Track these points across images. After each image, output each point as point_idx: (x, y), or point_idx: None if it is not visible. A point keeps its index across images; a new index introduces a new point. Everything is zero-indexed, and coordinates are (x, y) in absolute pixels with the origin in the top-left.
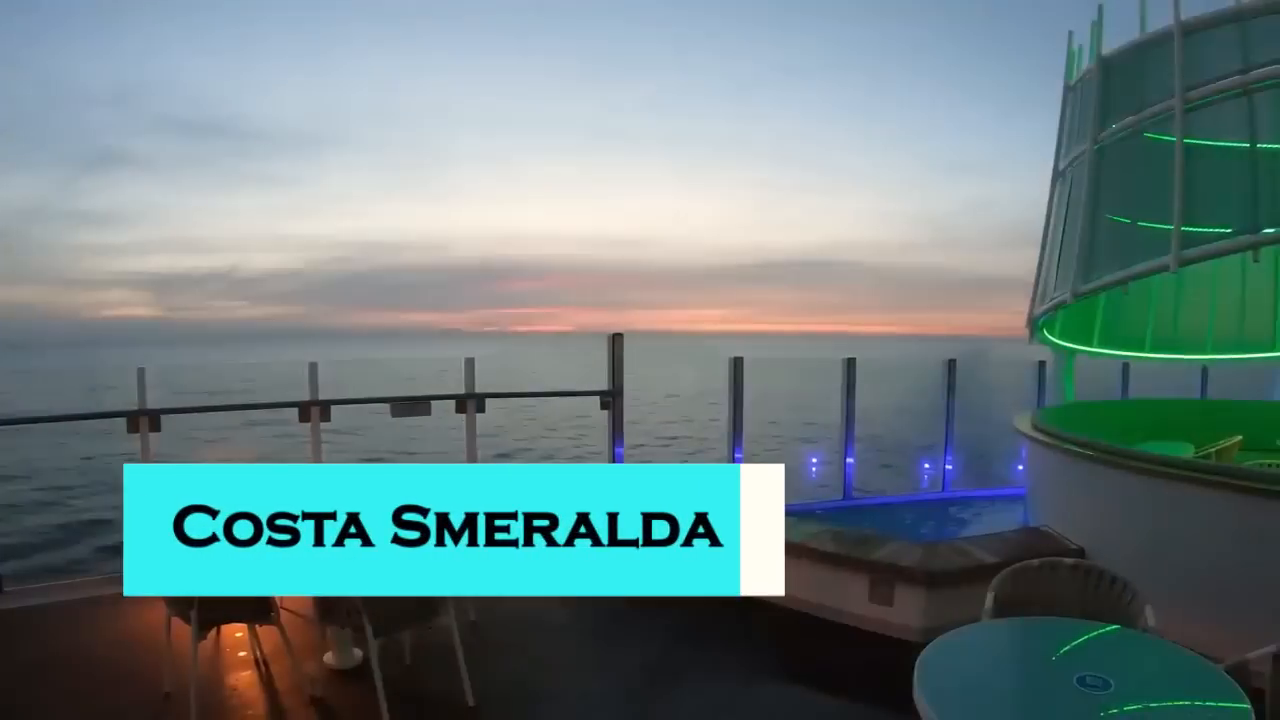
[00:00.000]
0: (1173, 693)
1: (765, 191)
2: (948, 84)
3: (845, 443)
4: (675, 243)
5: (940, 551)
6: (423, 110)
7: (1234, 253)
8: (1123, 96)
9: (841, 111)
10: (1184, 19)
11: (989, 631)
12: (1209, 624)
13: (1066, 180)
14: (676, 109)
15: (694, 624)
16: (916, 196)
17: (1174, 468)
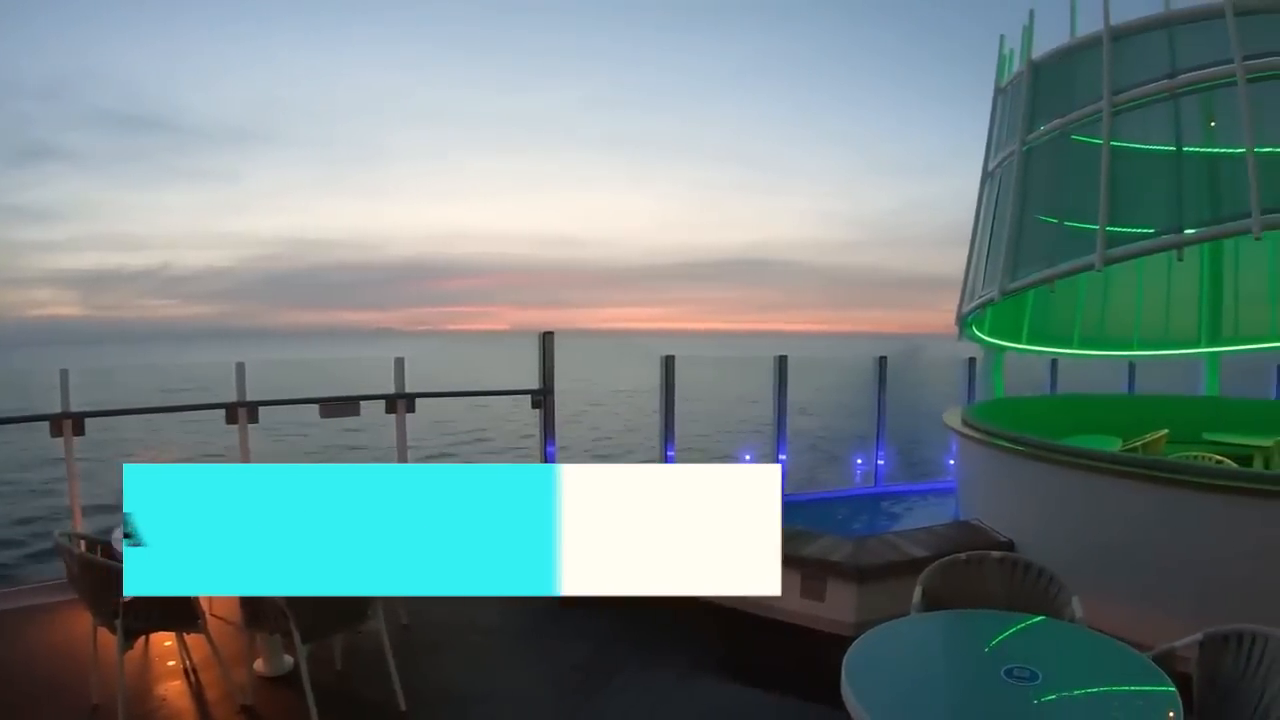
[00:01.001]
0: (1100, 681)
1: (706, 191)
2: (887, 86)
3: (778, 439)
4: (615, 241)
5: (870, 546)
6: (360, 105)
7: (1157, 252)
8: (1051, 99)
9: (783, 112)
10: (1113, 24)
11: (917, 625)
12: (1138, 613)
13: (995, 180)
14: (619, 107)
15: (628, 622)
16: (855, 196)
17: (1100, 461)
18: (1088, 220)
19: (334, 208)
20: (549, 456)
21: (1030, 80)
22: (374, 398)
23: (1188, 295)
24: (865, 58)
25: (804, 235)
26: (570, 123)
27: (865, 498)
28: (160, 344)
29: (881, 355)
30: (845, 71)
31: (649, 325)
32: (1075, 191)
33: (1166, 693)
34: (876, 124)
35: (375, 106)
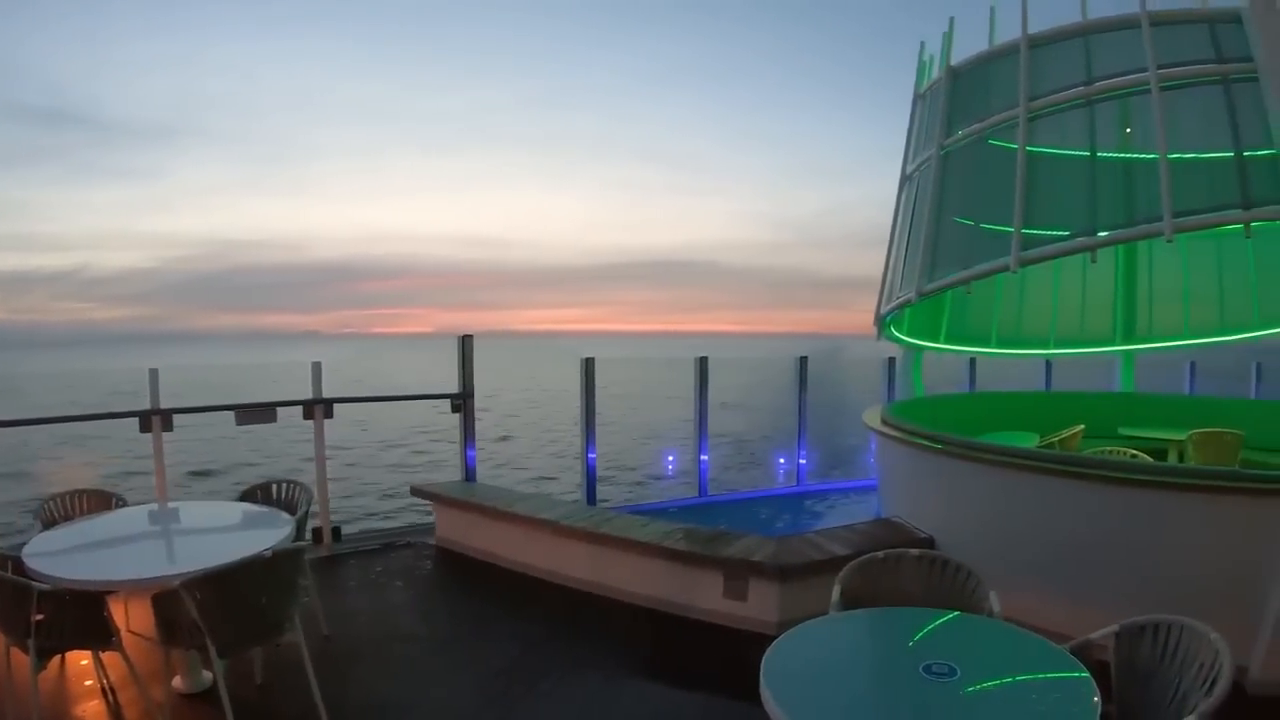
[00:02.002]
0: (1017, 674)
1: (633, 191)
2: (813, 89)
3: (699, 440)
4: (541, 242)
5: (792, 545)
6: (285, 101)
7: (1071, 254)
8: (969, 104)
9: (710, 114)
10: (1031, 33)
11: (835, 625)
12: (1058, 606)
13: (913, 184)
14: (546, 107)
15: (552, 626)
16: (781, 198)
17: (1015, 458)
18: (1003, 223)
19: (258, 207)
20: (469, 461)
21: (949, 86)
22: (291, 404)
23: (1103, 295)
24: (793, 60)
25: (730, 236)
26: (497, 122)
27: (788, 497)
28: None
29: (802, 355)
30: (773, 74)
31: (576, 326)
32: (991, 195)
33: (1082, 682)
34: (802, 126)
35: (301, 102)
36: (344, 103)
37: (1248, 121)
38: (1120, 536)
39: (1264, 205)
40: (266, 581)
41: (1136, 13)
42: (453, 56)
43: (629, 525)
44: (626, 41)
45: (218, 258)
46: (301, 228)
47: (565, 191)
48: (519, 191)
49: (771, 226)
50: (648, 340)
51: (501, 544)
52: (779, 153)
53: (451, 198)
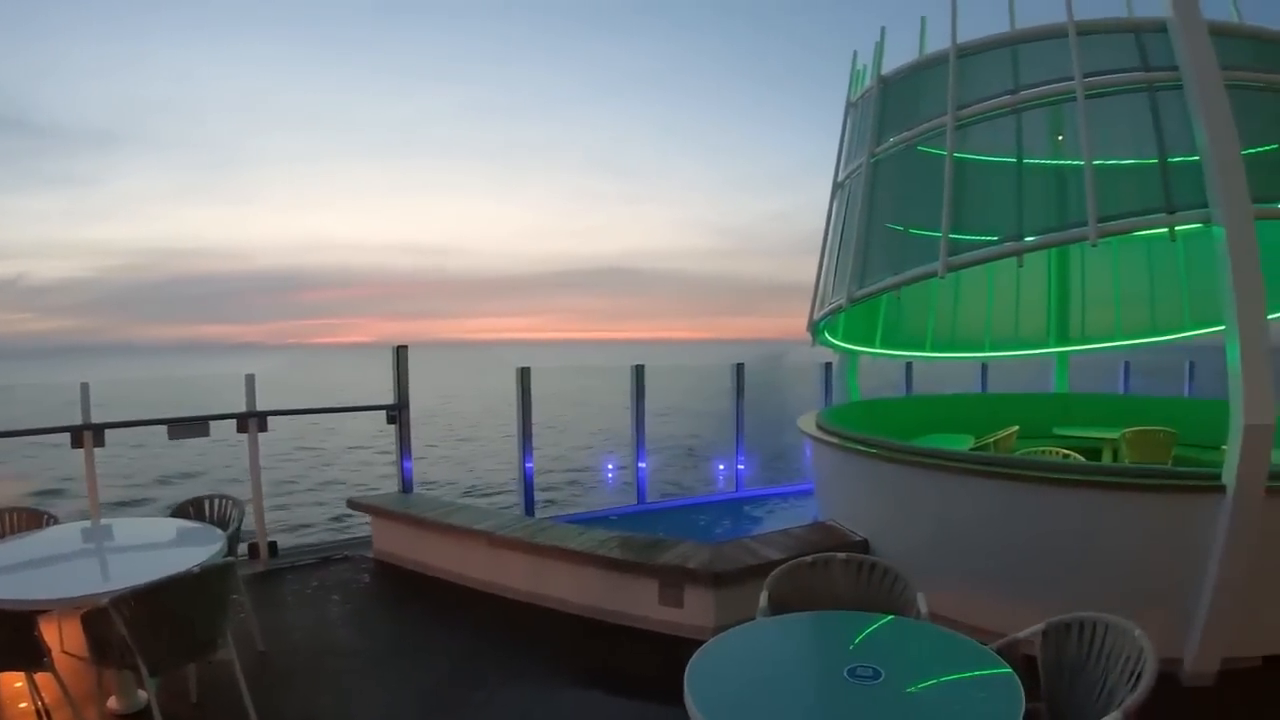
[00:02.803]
0: (941, 674)
1: (578, 199)
2: (758, 98)
3: (636, 448)
4: (488, 250)
5: (726, 551)
6: (229, 106)
7: (998, 259)
8: (900, 112)
9: (655, 123)
10: (960, 42)
11: (761, 630)
12: (991, 605)
13: (845, 191)
14: (492, 114)
15: (489, 637)
16: (725, 205)
17: (947, 460)
18: (933, 229)
19: (200, 215)
20: (406, 472)
21: (879, 95)
22: (224, 417)
23: (1036, 298)
24: (739, 69)
25: (675, 243)
26: (444, 129)
27: (727, 503)
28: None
29: (739, 362)
30: (719, 82)
31: (522, 335)
32: (921, 201)
33: (1006, 679)
34: (747, 134)
35: (245, 108)
36: (288, 108)
37: (1172, 128)
38: (1053, 536)
39: (1187, 210)
40: (195, 598)
41: (1064, 23)
42: (400, 62)
43: (565, 534)
44: (574, 49)
45: (158, 267)
46: (244, 236)
47: (511, 199)
48: (465, 199)
49: (716, 233)
50: (594, 347)
51: (439, 555)
52: (724, 160)
53: (396, 205)
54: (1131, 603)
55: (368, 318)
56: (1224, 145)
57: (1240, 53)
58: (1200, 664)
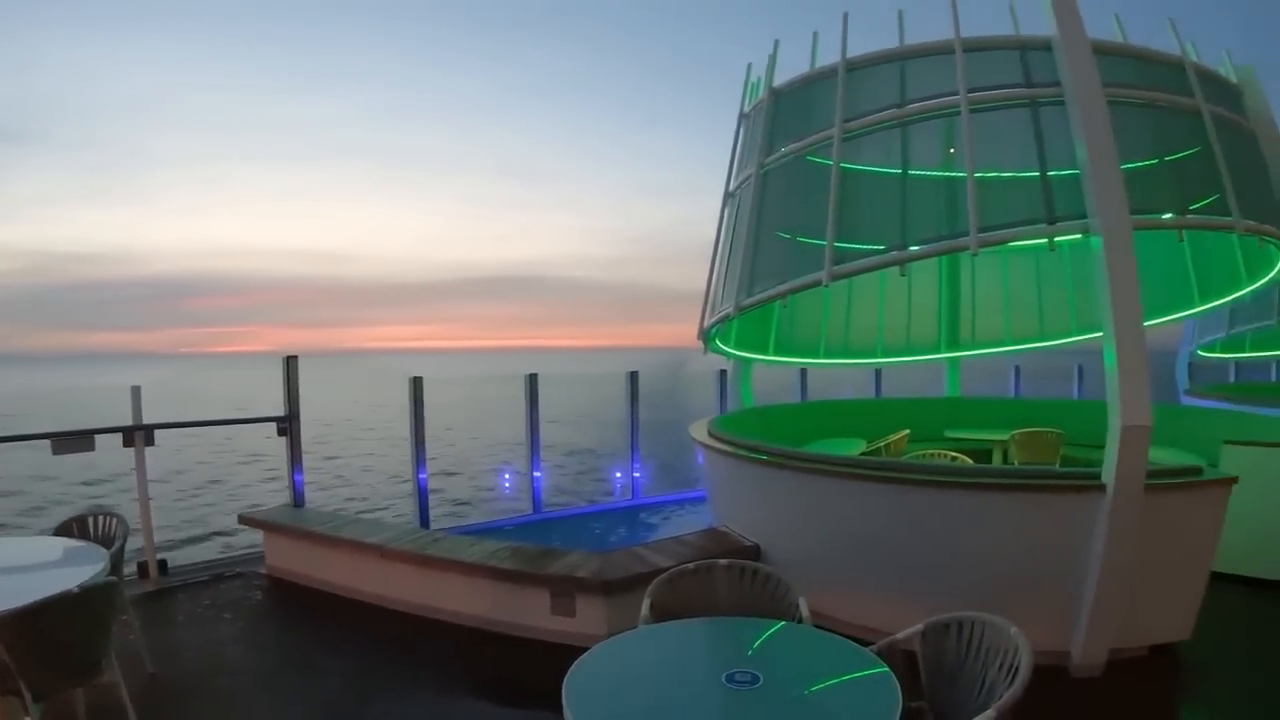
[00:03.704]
0: (820, 677)
1: (481, 207)
2: (661, 106)
3: (531, 457)
4: (388, 257)
5: (617, 559)
6: (126, 106)
7: (882, 268)
8: (790, 124)
9: (559, 130)
10: (850, 57)
11: (641, 638)
12: (883, 607)
13: (736, 201)
14: (394, 120)
15: (382, 651)
16: (628, 213)
17: (833, 465)
18: (820, 238)
19: (94, 218)
20: (297, 486)
21: (771, 106)
22: (109, 430)
23: (928, 305)
24: (643, 77)
25: (579, 251)
26: (344, 133)
27: (623, 510)
28: None
29: (633, 370)
30: (624, 90)
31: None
32: (809, 211)
33: (884, 680)
34: (651, 142)
35: (142, 108)
36: (187, 109)
37: (1053, 142)
38: (941, 537)
39: (1067, 221)
40: (76, 619)
41: (951, 39)
42: (302, 65)
43: (456, 546)
44: (479, 54)
45: (49, 272)
46: (139, 240)
47: (413, 205)
48: (366, 205)
49: (620, 241)
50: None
51: (331, 570)
52: (632, 167)
53: (295, 211)
54: (1020, 600)
55: (265, 326)
56: (1103, 158)
57: (1122, 70)
58: (1087, 656)
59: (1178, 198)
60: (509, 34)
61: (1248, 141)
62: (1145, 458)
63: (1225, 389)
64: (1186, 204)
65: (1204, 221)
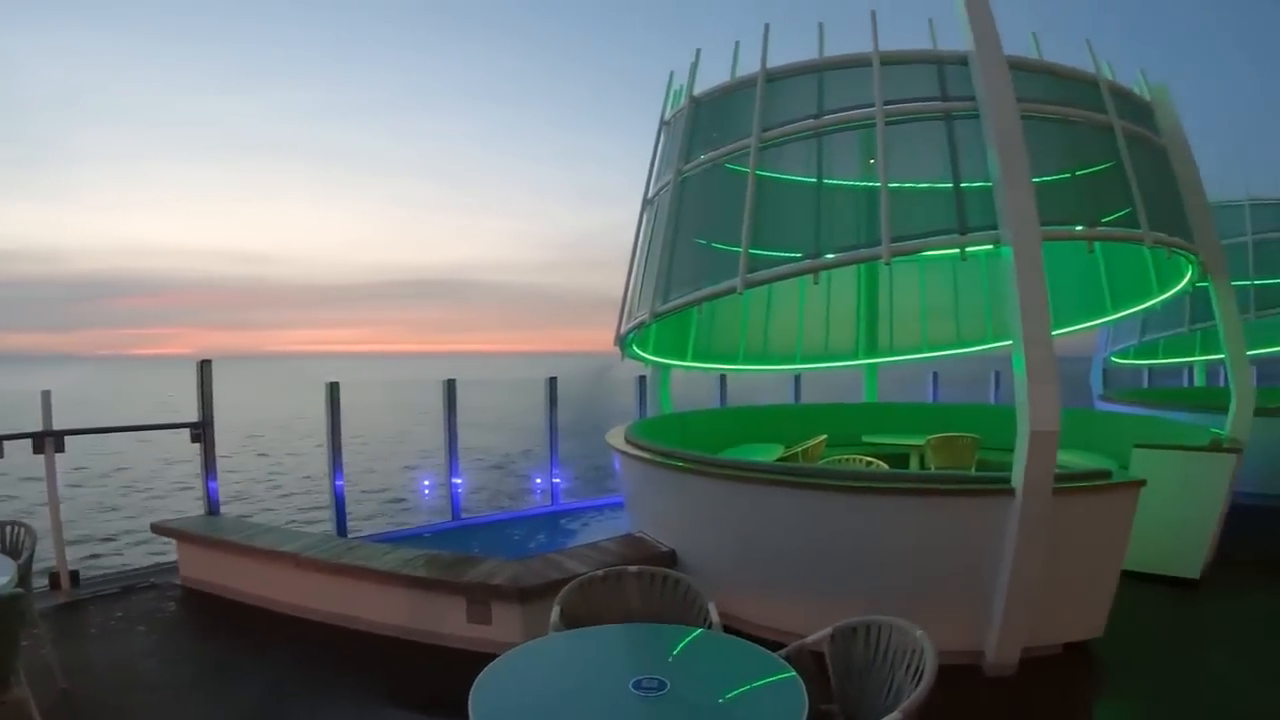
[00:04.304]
0: (727, 682)
1: (407, 209)
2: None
3: (449, 463)
4: (314, 258)
5: (533, 566)
6: (45, 98)
7: (795, 276)
8: (709, 132)
9: (487, 133)
10: (770, 67)
11: (549, 646)
12: (797, 610)
13: (654, 207)
14: (321, 118)
15: (298, 662)
16: (556, 218)
17: (747, 471)
18: (736, 245)
19: (11, 213)
20: (211, 494)
21: (691, 114)
22: (16, 436)
23: (846, 312)
24: (570, 82)
25: (505, 255)
26: (270, 131)
27: (543, 517)
28: None
29: (552, 376)
30: (551, 94)
31: (349, 348)
32: (725, 218)
33: (790, 684)
34: (578, 147)
35: (62, 100)
36: (111, 103)
37: (967, 155)
38: (855, 541)
39: (978, 231)
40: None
41: (869, 52)
42: (227, 59)
43: (371, 554)
44: (408, 55)
45: None
46: (59, 237)
47: (341, 206)
48: (291, 205)
49: (546, 246)
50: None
51: (246, 580)
52: (555, 172)
53: (220, 209)
54: (934, 601)
55: (188, 327)
56: (1015, 171)
57: (1037, 86)
58: (1001, 655)
59: (1089, 211)
60: (439, 32)
61: (1158, 157)
62: (1053, 462)
63: (1138, 394)
64: (1098, 217)
65: (1113, 233)
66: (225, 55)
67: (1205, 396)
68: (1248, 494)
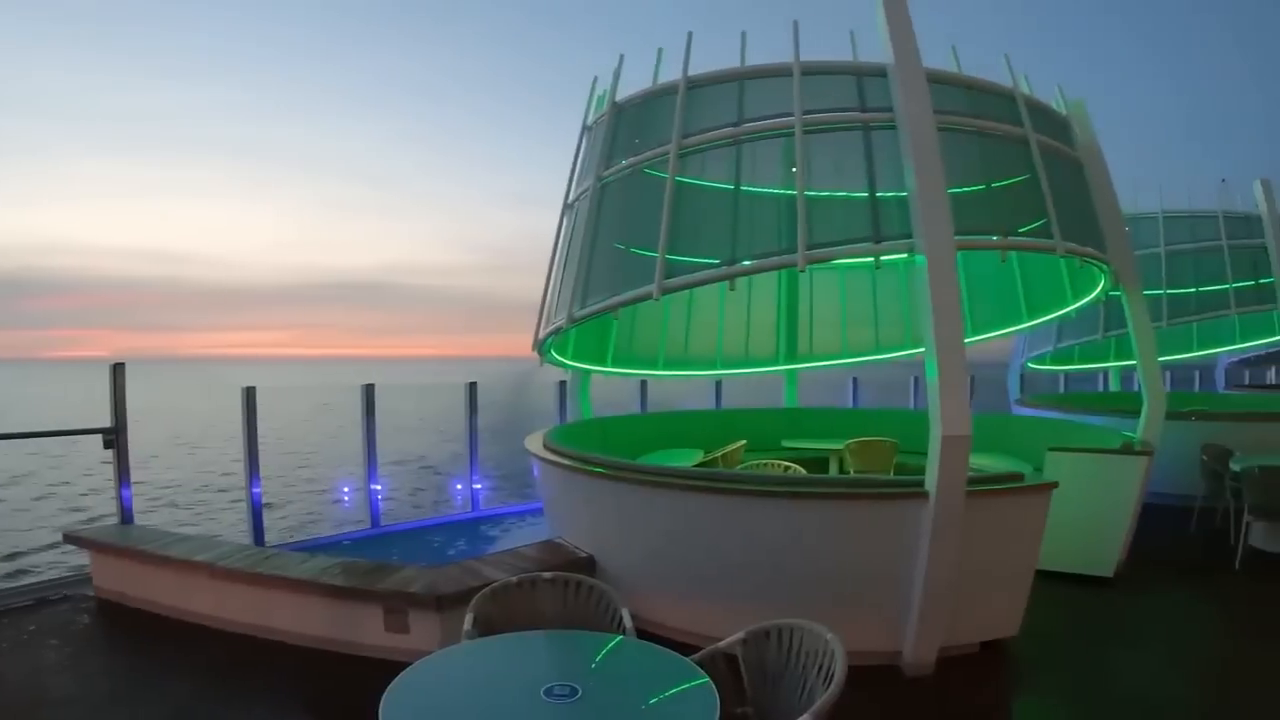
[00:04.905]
0: (638, 688)
1: (333, 210)
2: (513, 116)
3: (368, 470)
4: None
5: (450, 573)
6: None
7: (712, 282)
8: (630, 137)
9: (413, 135)
10: (692, 74)
11: (461, 654)
12: (715, 615)
13: (574, 212)
14: (245, 115)
15: (215, 675)
16: (483, 221)
17: (665, 476)
18: (655, 251)
19: None
20: (125, 502)
21: (612, 119)
22: None
23: (767, 318)
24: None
25: (435, 259)
26: (191, 127)
27: (463, 523)
28: None
29: (472, 381)
30: (477, 98)
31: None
32: (644, 224)
33: (703, 689)
34: (504, 150)
35: None
36: (24, 92)
37: (885, 165)
38: (772, 545)
39: (892, 240)
40: None
41: (789, 62)
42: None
43: (287, 563)
44: (334, 53)
45: None
46: None
47: (265, 207)
48: (213, 203)
49: (477, 249)
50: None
51: (161, 591)
52: (489, 175)
53: (138, 206)
54: (852, 603)
55: (103, 329)
56: (930, 181)
57: (955, 99)
58: (918, 655)
59: (1004, 221)
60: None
61: (1073, 170)
62: (965, 465)
63: (1054, 398)
64: (1012, 227)
65: (1025, 243)
66: (144, 48)
67: (1119, 401)
68: (1160, 494)
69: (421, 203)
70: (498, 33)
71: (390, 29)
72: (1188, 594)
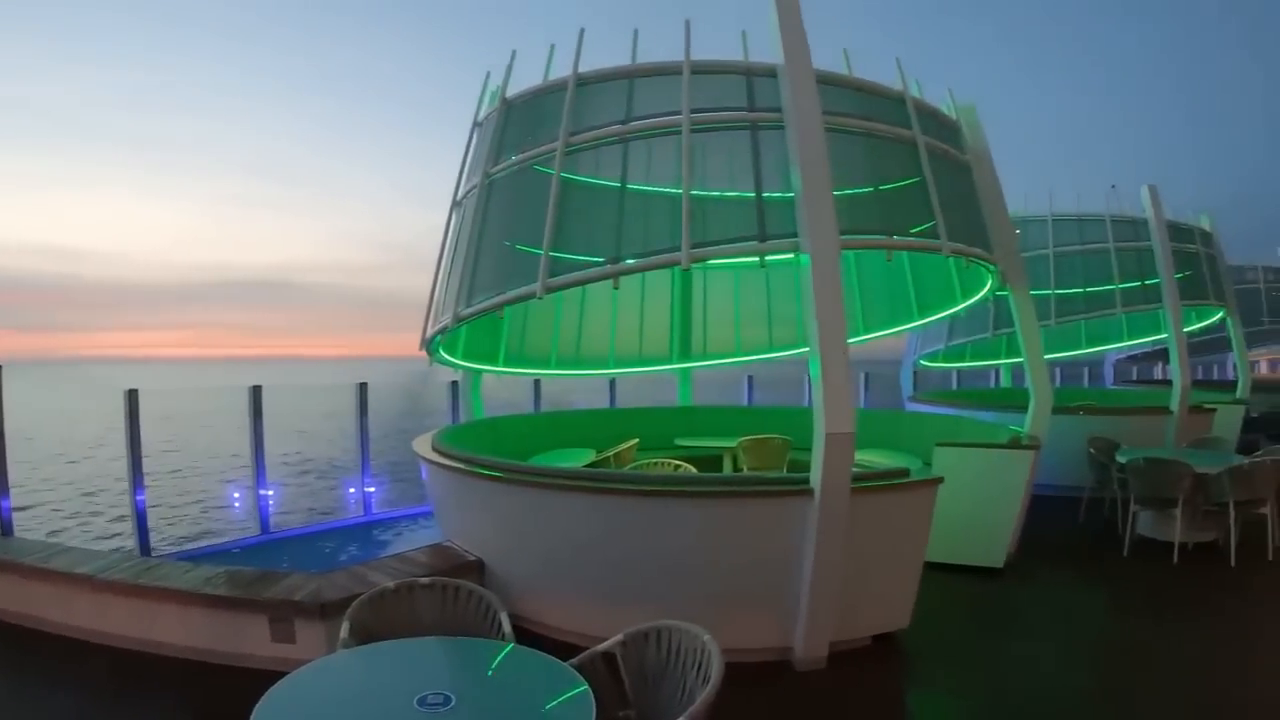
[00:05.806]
0: (513, 694)
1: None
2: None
3: (256, 474)
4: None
5: (337, 580)
6: None
7: (597, 280)
8: (518, 134)
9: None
10: (582, 72)
11: (335, 665)
12: (604, 617)
13: (462, 209)
14: (140, 106)
15: (97, 692)
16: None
17: (554, 478)
18: (541, 248)
19: None
20: (3, 512)
21: (502, 115)
22: None
23: (660, 317)
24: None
25: (335, 256)
26: (83, 117)
27: (356, 527)
28: None
29: (362, 381)
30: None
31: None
32: (531, 222)
33: (580, 696)
34: (409, 146)
35: None
36: None
37: (772, 165)
38: (661, 545)
39: (778, 239)
40: None
41: (679, 61)
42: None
43: (171, 573)
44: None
45: None
46: None
47: (157, 200)
48: (107, 197)
49: (378, 247)
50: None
51: (41, 605)
52: (392, 171)
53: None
54: (743, 600)
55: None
56: (816, 180)
57: (844, 101)
58: (809, 650)
59: (891, 222)
60: (266, 20)
61: (961, 172)
62: (850, 462)
63: (945, 395)
64: (901, 228)
65: (910, 243)
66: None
67: (1009, 397)
68: (1050, 486)
69: (325, 199)
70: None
71: (296, 20)
72: (1077, 581)
